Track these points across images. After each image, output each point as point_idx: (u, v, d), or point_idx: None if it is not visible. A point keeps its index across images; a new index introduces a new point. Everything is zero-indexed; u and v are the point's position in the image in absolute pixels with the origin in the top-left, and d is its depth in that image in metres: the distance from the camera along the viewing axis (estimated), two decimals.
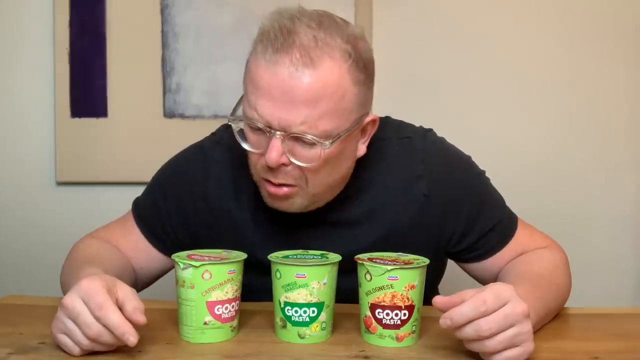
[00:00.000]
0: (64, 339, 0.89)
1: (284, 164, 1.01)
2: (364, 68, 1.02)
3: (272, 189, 1.04)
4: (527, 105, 1.83)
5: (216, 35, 1.80)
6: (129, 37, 1.82)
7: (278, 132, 0.99)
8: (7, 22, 1.85)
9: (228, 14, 1.80)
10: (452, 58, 1.81)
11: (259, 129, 1.00)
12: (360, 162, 1.11)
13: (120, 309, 0.88)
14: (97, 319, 0.86)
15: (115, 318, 0.86)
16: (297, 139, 0.99)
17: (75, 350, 0.89)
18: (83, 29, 1.82)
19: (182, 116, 1.83)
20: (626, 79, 1.81)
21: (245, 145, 1.04)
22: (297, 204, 1.07)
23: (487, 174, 1.20)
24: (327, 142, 1.00)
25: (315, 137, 0.98)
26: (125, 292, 0.90)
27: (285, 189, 1.04)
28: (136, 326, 0.87)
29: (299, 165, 1.01)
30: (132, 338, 0.86)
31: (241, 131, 1.05)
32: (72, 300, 0.88)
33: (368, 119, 1.07)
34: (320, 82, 0.97)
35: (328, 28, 0.99)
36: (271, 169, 1.01)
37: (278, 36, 0.97)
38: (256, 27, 1.03)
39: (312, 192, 1.05)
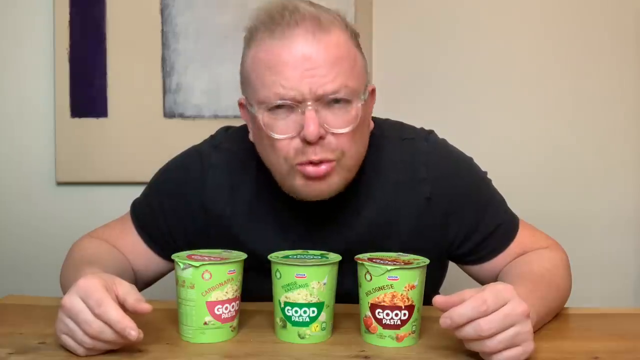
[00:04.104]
0: (67, 340, 0.89)
1: (321, 137, 1.00)
2: (356, 39, 1.06)
3: (313, 170, 1.02)
4: (528, 106, 1.83)
5: (216, 35, 1.80)
6: (129, 37, 1.82)
7: (309, 104, 0.98)
8: (7, 22, 1.85)
9: (228, 14, 1.80)
10: (452, 58, 1.81)
11: (285, 111, 1.00)
12: (363, 159, 1.11)
13: (122, 304, 0.88)
14: (97, 316, 0.86)
15: (114, 313, 0.86)
16: (330, 104, 1.00)
17: (80, 350, 0.89)
18: (83, 29, 1.82)
19: (182, 116, 1.83)
20: (627, 78, 1.81)
21: (274, 135, 1.02)
22: (334, 183, 1.04)
23: (488, 175, 1.20)
24: (361, 97, 1.02)
25: (347, 95, 1.00)
26: (125, 288, 0.90)
27: (324, 167, 1.02)
28: (140, 321, 0.87)
29: (337, 134, 1.00)
30: (133, 332, 0.86)
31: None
32: (71, 299, 0.88)
33: (370, 87, 1.09)
34: (337, 44, 1.00)
35: (318, 6, 1.03)
36: (310, 146, 1.00)
37: (284, 15, 0.99)
38: None
39: (348, 165, 1.05)
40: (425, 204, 1.13)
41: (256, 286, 1.04)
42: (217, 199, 1.15)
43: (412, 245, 1.09)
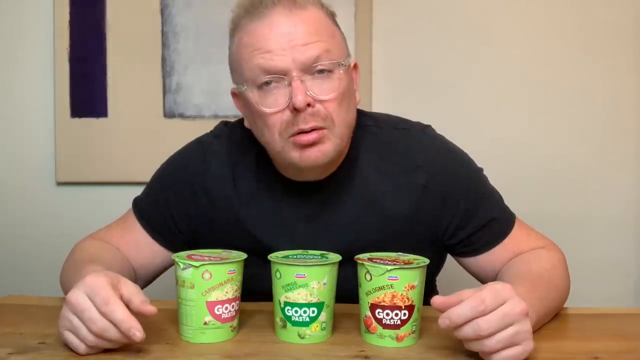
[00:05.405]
0: (69, 337, 0.89)
1: (309, 105, 1.03)
2: (333, 17, 1.10)
3: (305, 138, 1.04)
4: (528, 106, 1.83)
5: (216, 35, 1.80)
6: (129, 37, 1.82)
7: (295, 74, 1.02)
8: (7, 22, 1.85)
9: (228, 14, 1.79)
10: (452, 58, 1.81)
11: (274, 87, 1.04)
12: (357, 144, 1.14)
13: (127, 304, 0.88)
14: (103, 314, 0.86)
15: (120, 313, 0.86)
16: (315, 75, 1.03)
17: (81, 347, 0.89)
18: (83, 29, 1.82)
19: (182, 116, 1.83)
20: (627, 78, 1.81)
21: (266, 110, 1.05)
22: (328, 150, 1.06)
23: (487, 174, 1.20)
24: (342, 62, 1.06)
25: (330, 64, 1.04)
26: (130, 288, 0.90)
27: (315, 133, 1.04)
28: (140, 321, 0.87)
29: (323, 100, 1.04)
30: (138, 333, 0.86)
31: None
32: (77, 296, 0.88)
33: (352, 61, 1.12)
34: (315, 18, 1.05)
35: None
36: (300, 115, 1.03)
37: (262, 1, 1.04)
38: None
39: (339, 134, 1.07)
40: (421, 191, 1.13)
41: (255, 272, 1.04)
42: (219, 183, 1.17)
43: (408, 231, 1.11)
